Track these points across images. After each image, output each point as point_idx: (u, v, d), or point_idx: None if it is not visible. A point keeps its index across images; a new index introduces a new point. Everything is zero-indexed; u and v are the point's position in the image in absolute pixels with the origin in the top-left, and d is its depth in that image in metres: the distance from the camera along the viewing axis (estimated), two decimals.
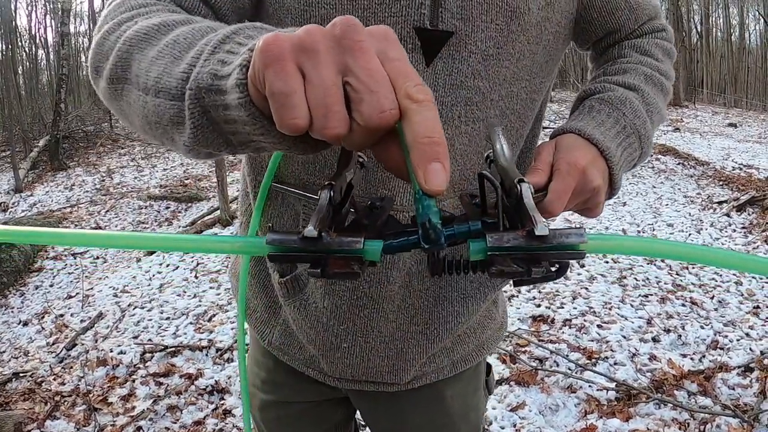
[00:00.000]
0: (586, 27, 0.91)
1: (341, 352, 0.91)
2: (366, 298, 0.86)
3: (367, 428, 1.15)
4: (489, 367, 1.14)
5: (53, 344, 3.67)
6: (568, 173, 0.70)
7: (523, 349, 3.24)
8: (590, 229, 5.52)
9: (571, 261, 0.44)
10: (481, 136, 0.82)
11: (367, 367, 0.93)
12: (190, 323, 3.75)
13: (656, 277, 4.28)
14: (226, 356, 3.31)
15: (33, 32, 22.29)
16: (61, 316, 4.15)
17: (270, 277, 0.94)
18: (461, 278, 0.91)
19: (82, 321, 3.97)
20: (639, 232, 5.54)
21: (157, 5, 0.70)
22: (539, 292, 4.01)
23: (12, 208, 8.04)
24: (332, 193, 0.43)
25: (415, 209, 0.43)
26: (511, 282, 0.54)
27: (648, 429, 2.57)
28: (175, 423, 2.75)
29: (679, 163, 8.49)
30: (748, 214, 5.85)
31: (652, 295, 3.98)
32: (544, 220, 0.42)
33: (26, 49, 20.96)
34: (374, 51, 0.41)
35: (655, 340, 3.36)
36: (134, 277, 4.76)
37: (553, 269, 0.44)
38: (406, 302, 0.88)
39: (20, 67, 18.26)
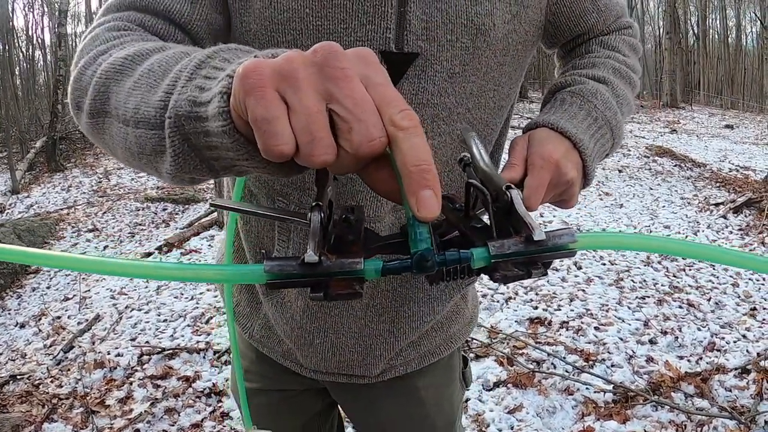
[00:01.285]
0: (555, 32, 0.92)
1: (314, 347, 0.96)
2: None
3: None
4: (465, 359, 1.17)
5: (50, 346, 3.67)
6: (542, 167, 0.71)
7: (520, 352, 3.25)
8: (587, 231, 5.53)
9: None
10: (447, 148, 0.83)
11: (338, 361, 0.98)
12: (188, 325, 3.75)
13: (653, 279, 4.29)
14: (223, 359, 3.30)
15: (30, 33, 22.27)
16: (59, 318, 4.14)
17: None
18: (425, 281, 0.93)
19: (79, 323, 3.97)
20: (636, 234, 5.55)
21: (131, 35, 0.70)
22: (536, 294, 4.01)
23: (9, 209, 8.02)
24: (322, 215, 0.44)
25: (409, 234, 0.44)
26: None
27: (645, 431, 2.58)
28: (173, 425, 2.75)
29: (675, 165, 8.51)
30: (745, 216, 5.87)
31: (649, 297, 3.99)
32: (538, 224, 0.43)
33: (23, 49, 20.93)
34: (358, 77, 0.41)
35: (652, 342, 3.37)
36: (131, 279, 4.75)
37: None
38: (374, 301, 0.92)
39: (17, 68, 18.23)
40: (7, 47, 16.17)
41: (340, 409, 1.23)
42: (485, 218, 0.52)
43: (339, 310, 0.92)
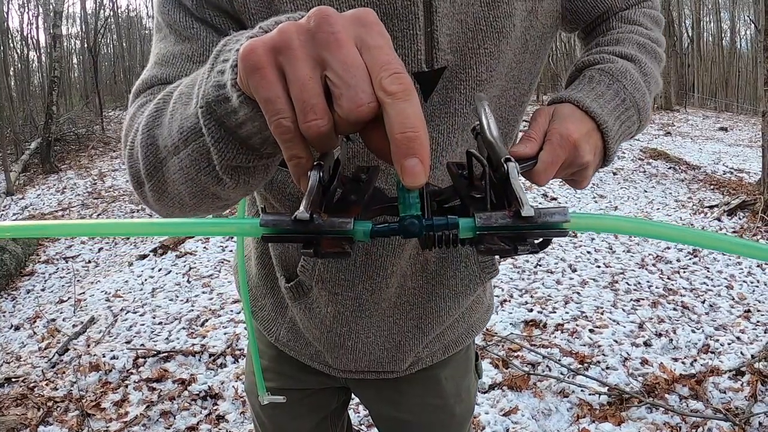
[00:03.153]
0: (574, 17, 0.90)
1: (345, 348, 0.99)
2: (367, 303, 0.93)
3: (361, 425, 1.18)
4: (477, 354, 1.22)
5: (45, 349, 3.65)
6: (559, 145, 0.70)
7: (515, 354, 3.26)
8: (581, 233, 5.55)
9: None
10: None
11: (369, 360, 1.00)
12: (183, 328, 3.75)
13: (648, 282, 4.31)
14: (219, 361, 3.30)
15: (25, 33, 22.20)
16: (53, 320, 4.13)
17: (277, 281, 1.00)
18: (451, 276, 0.95)
19: (74, 325, 3.95)
20: (630, 236, 5.57)
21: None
22: (531, 296, 4.03)
23: (3, 211, 7.99)
24: (321, 174, 0.44)
25: (398, 198, 0.45)
26: (498, 257, 0.55)
27: None
28: (169, 428, 2.75)
29: (670, 168, 8.54)
30: (739, 219, 5.90)
31: (643, 299, 4.01)
32: (529, 201, 0.43)
33: (18, 50, 20.86)
34: (352, 40, 0.41)
35: (646, 344, 3.38)
36: (126, 281, 4.74)
37: (536, 241, 0.45)
38: (401, 299, 0.94)
39: (12, 69, 18.17)
40: (1, 48, 16.12)
41: (357, 405, 1.27)
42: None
43: (369, 312, 0.94)
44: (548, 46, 0.88)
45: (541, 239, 0.45)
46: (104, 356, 3.39)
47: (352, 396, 1.26)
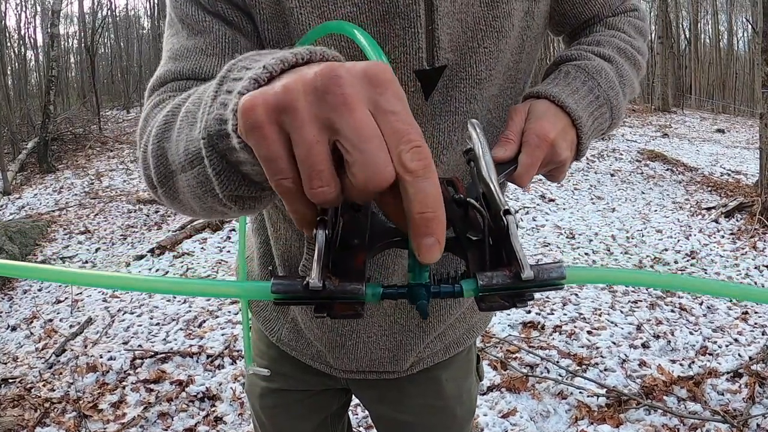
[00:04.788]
0: (561, 19, 0.92)
1: (346, 348, 0.99)
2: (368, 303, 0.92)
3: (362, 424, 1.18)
4: (478, 356, 1.23)
5: (42, 350, 3.64)
6: (537, 146, 0.71)
7: (513, 356, 3.26)
8: (579, 235, 5.55)
9: None
10: None
11: (370, 359, 1.01)
12: (180, 329, 3.74)
13: None
14: (216, 363, 3.30)
15: (22, 33, 22.15)
16: (50, 321, 4.11)
17: None
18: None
19: (71, 326, 3.94)
20: (628, 238, 5.58)
21: (173, 100, 0.71)
22: None
23: (0, 210, 7.97)
24: (327, 232, 0.44)
25: (410, 265, 0.46)
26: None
27: None
28: (166, 430, 2.74)
29: (667, 169, 8.56)
30: (737, 220, 5.90)
31: (641, 301, 4.01)
32: (528, 261, 0.44)
33: (15, 49, 20.81)
34: (364, 103, 0.38)
35: (644, 346, 3.39)
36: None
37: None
38: (402, 300, 0.92)
39: (9, 68, 18.12)
40: None
41: (355, 407, 1.28)
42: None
43: (369, 312, 0.95)
44: (539, 48, 0.90)
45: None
46: (101, 357, 3.38)
47: (352, 398, 1.26)
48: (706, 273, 4.56)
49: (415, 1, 0.72)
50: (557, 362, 3.16)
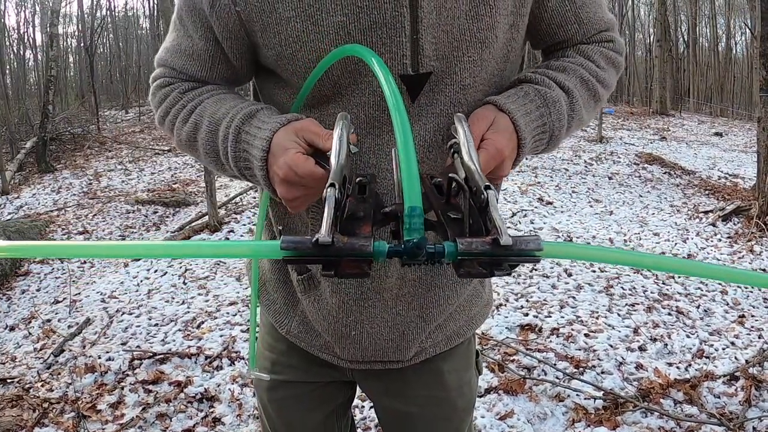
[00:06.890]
0: (534, 38, 0.98)
1: (351, 338, 1.05)
2: (369, 292, 0.99)
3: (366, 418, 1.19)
4: (477, 351, 1.28)
5: (41, 350, 3.64)
6: (492, 157, 0.78)
7: (511, 358, 3.26)
8: (577, 238, 5.57)
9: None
10: None
11: (374, 349, 1.06)
12: (179, 330, 3.74)
13: (642, 287, 4.32)
14: (215, 364, 3.30)
15: (21, 32, 22.13)
16: (49, 321, 4.11)
17: (289, 274, 1.07)
18: (448, 266, 1.01)
19: (69, 326, 3.95)
20: (625, 241, 5.59)
21: (174, 95, 0.94)
22: (527, 301, 4.04)
23: None
24: (337, 195, 0.46)
25: (402, 222, 0.48)
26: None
27: None
28: (165, 431, 2.75)
29: (665, 173, 8.58)
30: (734, 224, 5.92)
31: (638, 304, 4.02)
32: (507, 231, 0.46)
33: (14, 48, 20.79)
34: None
35: (641, 348, 3.40)
36: (122, 282, 4.73)
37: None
38: (403, 291, 1.00)
39: (8, 67, 18.10)
40: None
41: (355, 407, 1.32)
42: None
43: (372, 302, 1.00)
44: (521, 56, 0.98)
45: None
46: (100, 358, 3.38)
47: (355, 395, 1.30)
48: None
49: (401, 12, 0.80)
50: (554, 365, 3.17)
